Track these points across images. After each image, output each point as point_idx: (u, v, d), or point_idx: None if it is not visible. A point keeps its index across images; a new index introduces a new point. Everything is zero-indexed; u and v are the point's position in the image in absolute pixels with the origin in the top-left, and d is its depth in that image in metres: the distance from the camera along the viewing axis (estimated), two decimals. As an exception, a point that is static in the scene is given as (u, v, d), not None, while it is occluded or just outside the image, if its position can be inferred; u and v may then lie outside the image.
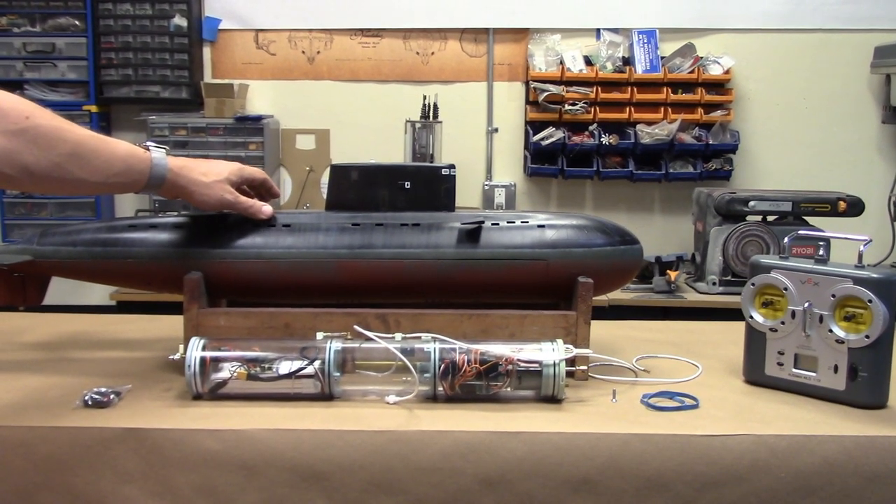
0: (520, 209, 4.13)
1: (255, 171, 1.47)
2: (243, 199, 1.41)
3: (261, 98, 4.19)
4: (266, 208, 1.44)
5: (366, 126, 4.17)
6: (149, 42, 4.00)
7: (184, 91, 4.04)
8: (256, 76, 4.18)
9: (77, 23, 3.98)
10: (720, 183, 4.04)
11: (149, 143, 1.31)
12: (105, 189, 1.27)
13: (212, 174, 1.37)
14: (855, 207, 3.51)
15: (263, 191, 1.51)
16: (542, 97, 3.92)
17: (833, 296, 1.31)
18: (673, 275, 3.58)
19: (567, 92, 3.93)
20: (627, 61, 4.02)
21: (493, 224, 1.46)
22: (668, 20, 4.05)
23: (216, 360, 1.29)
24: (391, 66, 4.16)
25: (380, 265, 1.43)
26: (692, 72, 3.96)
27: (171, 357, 1.31)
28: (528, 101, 4.08)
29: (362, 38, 4.15)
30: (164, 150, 1.31)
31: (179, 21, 3.99)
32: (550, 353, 1.29)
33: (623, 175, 4.02)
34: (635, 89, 3.95)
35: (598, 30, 4.07)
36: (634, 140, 3.93)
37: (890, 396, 1.32)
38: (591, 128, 3.99)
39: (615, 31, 4.05)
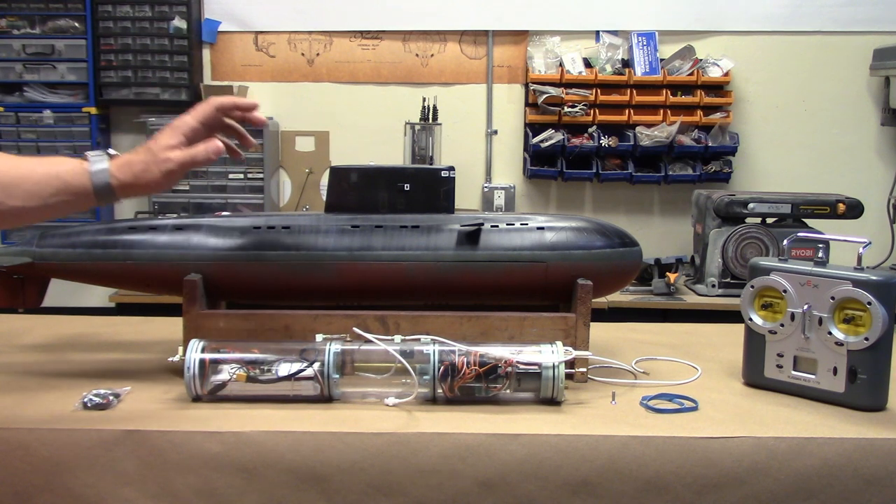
0: (519, 211, 4.14)
1: (198, 112, 1.26)
2: (183, 156, 1.21)
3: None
4: (211, 145, 1.23)
5: (365, 128, 4.17)
6: (148, 44, 4.01)
7: (183, 93, 4.04)
8: (256, 78, 4.18)
9: (77, 25, 3.98)
10: (719, 185, 4.04)
11: (88, 153, 1.21)
12: (52, 211, 1.18)
13: (148, 156, 1.21)
14: (854, 209, 3.51)
15: (239, 117, 1.31)
16: (541, 99, 3.93)
17: (832, 298, 1.31)
18: (672, 277, 3.58)
19: (566, 94, 3.93)
20: (627, 63, 4.02)
21: (492, 226, 1.46)
22: (668, 22, 4.05)
23: (215, 362, 1.29)
24: (391, 68, 4.16)
25: (379, 267, 1.43)
26: (691, 74, 3.96)
27: (170, 359, 1.31)
28: (527, 104, 4.08)
29: (362, 41, 4.15)
30: (106, 155, 1.21)
31: (179, 23, 3.99)
32: (550, 355, 1.29)
33: (622, 177, 4.02)
34: (634, 91, 3.96)
35: (598, 32, 4.07)
36: (634, 142, 3.94)
37: (889, 399, 1.32)
38: (590, 130, 3.99)
39: (614, 33, 4.05)
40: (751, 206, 3.49)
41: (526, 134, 4.09)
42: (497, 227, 1.46)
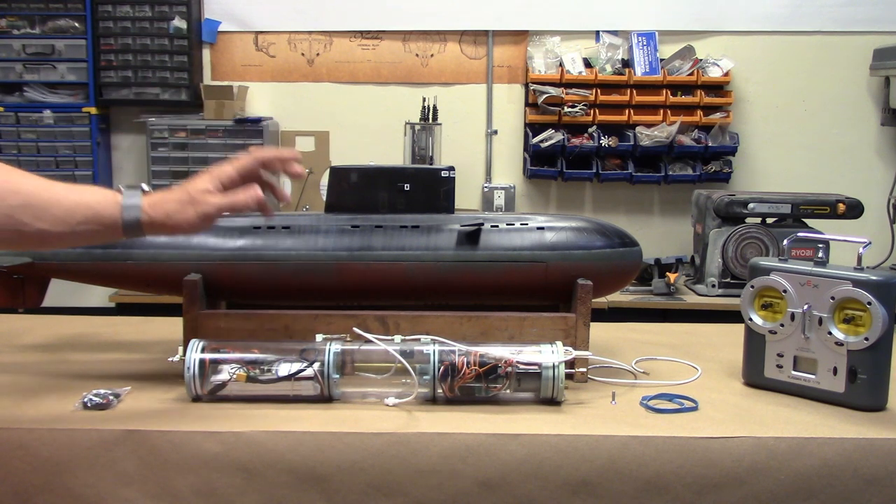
0: (519, 211, 4.13)
1: (239, 163, 1.25)
2: (220, 200, 1.20)
3: (260, 100, 4.19)
4: (252, 194, 1.21)
5: (365, 128, 4.17)
6: (148, 44, 4.00)
7: (183, 93, 4.04)
8: (256, 78, 4.18)
9: (77, 25, 3.98)
10: (719, 185, 4.04)
11: (123, 186, 1.20)
12: (78, 239, 1.16)
13: (184, 197, 1.20)
14: (854, 209, 3.51)
15: (277, 168, 1.29)
16: (541, 99, 3.92)
17: (832, 298, 1.31)
18: (672, 277, 3.58)
19: (566, 94, 3.93)
20: (627, 63, 4.02)
21: (492, 226, 1.46)
22: (668, 22, 4.05)
23: (215, 362, 1.29)
24: (390, 68, 4.16)
25: (379, 267, 1.43)
26: (691, 74, 3.96)
27: (170, 359, 1.31)
28: (527, 104, 4.08)
29: (362, 41, 4.15)
30: (139, 190, 1.19)
31: (179, 23, 3.99)
32: (550, 355, 1.29)
33: (622, 177, 4.02)
34: (634, 91, 3.96)
35: (598, 32, 4.07)
36: (634, 142, 3.94)
37: (889, 399, 1.32)
38: (590, 130, 3.99)
39: (614, 33, 4.05)
40: (751, 206, 3.49)
41: (526, 134, 4.09)
42: (497, 227, 1.46)
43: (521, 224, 1.47)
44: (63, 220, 1.14)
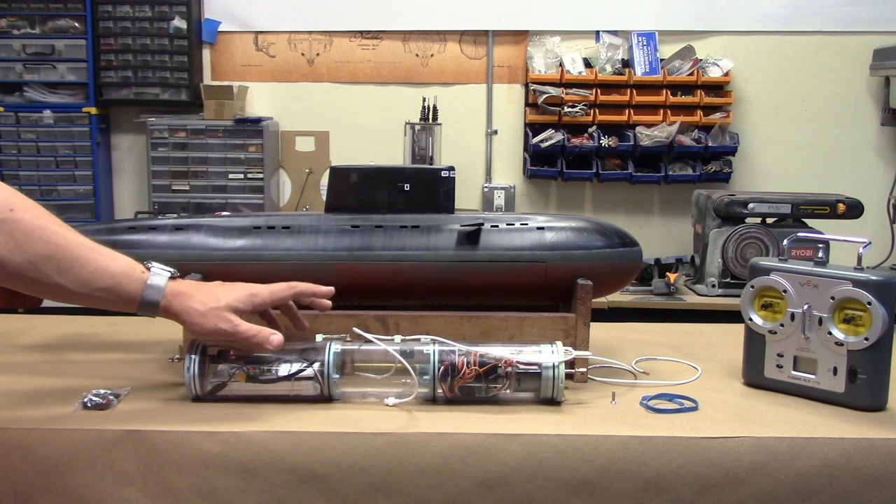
0: (519, 211, 4.14)
1: (276, 292, 1.27)
2: (244, 327, 1.21)
3: (260, 100, 4.19)
4: (273, 338, 1.23)
5: (365, 128, 4.17)
6: (148, 44, 4.01)
7: (183, 93, 4.05)
8: (256, 78, 4.18)
9: (77, 25, 3.99)
10: (719, 185, 4.05)
11: (154, 264, 1.19)
12: (92, 301, 1.15)
13: (211, 301, 1.20)
14: (854, 209, 3.51)
15: (307, 301, 1.31)
16: (541, 99, 3.93)
17: (832, 298, 1.31)
18: (672, 277, 3.58)
19: (566, 94, 3.94)
20: (627, 63, 4.03)
21: (492, 226, 1.46)
22: (668, 22, 4.05)
23: (215, 362, 1.29)
24: (391, 68, 4.16)
25: (379, 267, 1.43)
26: (691, 74, 3.96)
27: (170, 359, 1.31)
28: (527, 104, 4.09)
29: (362, 40, 4.15)
30: (168, 273, 1.18)
31: (179, 23, 3.99)
32: (550, 355, 1.29)
33: (622, 177, 4.02)
34: (634, 91, 3.96)
35: (598, 32, 4.08)
36: (634, 142, 3.94)
37: (889, 399, 1.32)
38: (590, 130, 3.99)
39: (614, 33, 4.05)
40: (751, 206, 3.49)
41: (526, 134, 4.09)
42: (497, 227, 1.46)
43: (521, 224, 1.47)
44: (84, 283, 1.12)
